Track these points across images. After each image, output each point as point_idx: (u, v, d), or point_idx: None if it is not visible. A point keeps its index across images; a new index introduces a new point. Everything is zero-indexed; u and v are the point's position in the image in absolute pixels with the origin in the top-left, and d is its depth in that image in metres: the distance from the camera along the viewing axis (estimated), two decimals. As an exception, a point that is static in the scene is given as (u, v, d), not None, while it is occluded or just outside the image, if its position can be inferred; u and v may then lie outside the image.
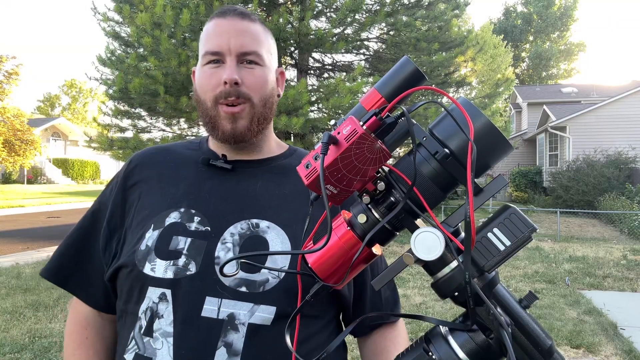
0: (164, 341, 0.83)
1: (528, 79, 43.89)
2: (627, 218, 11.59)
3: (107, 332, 1.02)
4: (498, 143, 0.59)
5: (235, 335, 0.82)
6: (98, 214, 1.01)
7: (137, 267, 0.87)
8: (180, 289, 0.84)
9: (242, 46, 0.93)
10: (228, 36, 0.93)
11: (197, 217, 0.91)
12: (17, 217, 13.94)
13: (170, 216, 0.91)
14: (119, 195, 0.99)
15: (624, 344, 4.30)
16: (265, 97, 0.96)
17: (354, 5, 8.07)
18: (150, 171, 1.00)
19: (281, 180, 0.98)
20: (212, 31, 0.96)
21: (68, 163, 30.92)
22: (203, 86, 0.95)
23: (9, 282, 6.13)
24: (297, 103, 7.41)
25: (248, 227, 0.90)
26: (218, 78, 0.92)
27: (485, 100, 11.22)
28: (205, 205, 0.92)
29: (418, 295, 5.83)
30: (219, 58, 0.93)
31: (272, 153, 1.04)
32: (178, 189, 0.95)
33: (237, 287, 0.84)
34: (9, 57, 22.53)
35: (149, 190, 0.97)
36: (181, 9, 7.41)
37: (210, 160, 0.98)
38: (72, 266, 1.00)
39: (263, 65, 0.96)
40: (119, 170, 1.06)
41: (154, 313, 0.85)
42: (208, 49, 0.94)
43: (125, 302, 0.90)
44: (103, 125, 9.56)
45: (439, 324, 0.63)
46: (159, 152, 1.05)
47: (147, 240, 0.89)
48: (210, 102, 0.94)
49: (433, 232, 0.56)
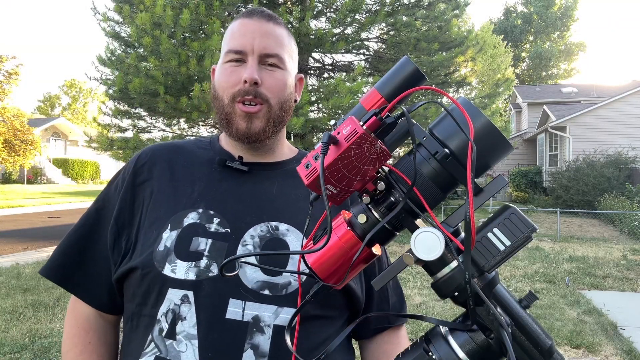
0: (188, 344, 0.82)
1: (528, 79, 43.89)
2: (627, 218, 11.59)
3: (110, 336, 1.00)
4: (498, 143, 0.59)
5: (262, 337, 0.82)
6: (103, 211, 0.98)
7: (156, 269, 0.85)
8: (202, 290, 0.84)
9: (265, 48, 0.93)
10: (252, 36, 0.93)
11: (217, 219, 0.90)
12: (17, 217, 13.94)
13: (188, 216, 0.90)
14: (128, 192, 0.96)
15: (624, 344, 4.30)
16: (283, 100, 0.96)
17: (354, 5, 8.07)
18: (162, 169, 0.98)
19: (295, 184, 0.97)
20: (237, 30, 0.95)
21: (68, 163, 30.92)
22: (222, 83, 0.95)
23: (9, 282, 6.13)
24: (297, 103, 7.39)
25: (268, 230, 0.90)
26: (238, 76, 0.92)
27: (485, 100, 11.22)
28: (223, 206, 0.92)
29: (418, 295, 5.83)
30: (241, 57, 0.93)
31: (285, 156, 1.04)
32: (193, 189, 0.94)
33: (260, 290, 0.84)
34: (9, 57, 22.55)
35: (162, 189, 0.95)
36: (181, 9, 7.41)
37: (226, 162, 0.97)
38: (74, 265, 0.97)
39: (284, 69, 0.96)
40: (124, 166, 1.04)
41: (176, 315, 0.83)
42: (231, 47, 0.94)
43: (140, 304, 0.88)
44: (103, 125, 9.56)
45: (439, 324, 0.63)
46: (170, 150, 1.02)
47: (164, 240, 0.88)
48: (228, 98, 0.93)
49: (433, 232, 0.56)
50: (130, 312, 0.91)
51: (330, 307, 0.91)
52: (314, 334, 0.86)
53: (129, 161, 1.03)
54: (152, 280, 0.86)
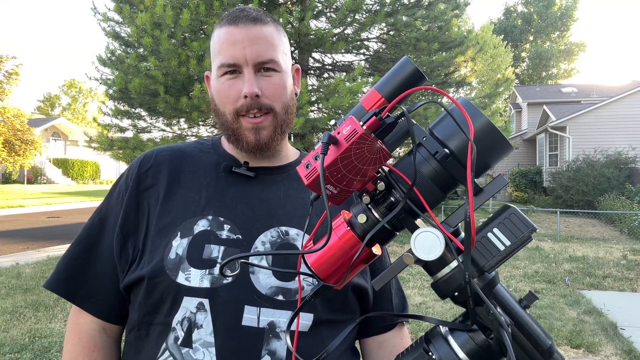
0: (205, 351, 0.82)
1: (528, 79, 43.87)
2: (627, 218, 11.59)
3: (114, 352, 0.97)
4: (498, 143, 0.59)
5: (278, 343, 0.83)
6: (106, 220, 0.96)
7: (169, 277, 0.84)
8: (218, 298, 0.83)
9: (258, 56, 0.90)
10: (243, 46, 0.90)
11: (227, 225, 0.90)
12: (17, 217, 13.93)
13: (198, 224, 0.89)
14: (132, 199, 0.94)
15: (624, 344, 4.30)
16: (287, 103, 0.95)
17: (354, 5, 8.07)
18: (167, 175, 0.96)
19: (301, 188, 0.96)
20: (224, 40, 0.92)
21: (68, 163, 30.92)
22: (222, 98, 0.93)
23: (9, 282, 6.13)
24: (297, 103, 7.39)
25: (278, 235, 0.90)
26: (237, 90, 0.91)
27: (485, 100, 11.22)
28: (232, 213, 0.91)
29: (418, 295, 5.83)
30: (235, 69, 0.91)
31: (289, 158, 1.04)
32: (200, 196, 0.93)
33: (274, 296, 0.85)
34: (9, 57, 22.56)
35: (168, 196, 0.93)
36: (181, 9, 7.40)
37: (232, 168, 0.96)
38: (80, 277, 0.94)
39: (280, 70, 0.94)
40: (125, 171, 1.01)
41: (192, 323, 0.83)
42: (223, 62, 0.91)
43: (151, 313, 0.87)
44: (103, 125, 9.56)
45: (439, 324, 0.63)
46: (174, 154, 1.00)
47: (175, 248, 0.87)
48: (231, 115, 0.92)
49: (433, 232, 0.56)
50: (137, 321, 0.89)
51: (341, 310, 0.91)
52: (328, 338, 0.86)
53: (130, 165, 1.01)
54: (166, 288, 0.85)
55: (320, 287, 0.65)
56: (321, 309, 0.87)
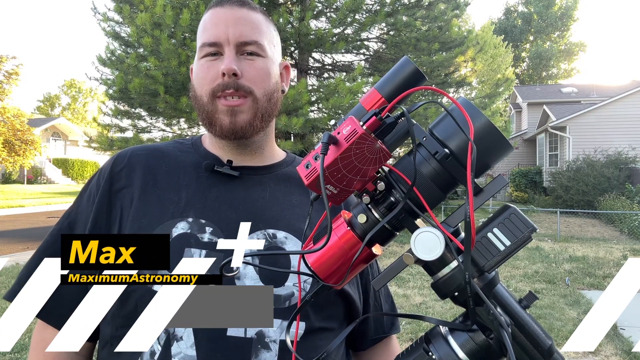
0: None
1: (528, 79, 43.88)
2: (627, 218, 11.59)
3: None
4: (498, 143, 0.59)
5: (268, 354, 0.77)
6: (75, 225, 0.89)
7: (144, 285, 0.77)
8: None
9: (241, 35, 0.86)
10: (226, 25, 0.86)
11: (209, 228, 0.83)
12: (17, 217, 13.93)
13: (177, 226, 0.83)
14: (104, 201, 0.87)
15: (624, 344, 4.30)
16: (269, 91, 0.89)
17: (354, 5, 8.08)
18: (142, 175, 0.89)
19: (287, 189, 0.93)
20: (208, 21, 0.88)
21: (68, 163, 30.92)
22: (200, 80, 0.88)
23: (9, 282, 6.12)
24: (297, 103, 7.41)
25: (265, 238, 0.85)
26: (216, 70, 0.85)
27: (485, 100, 11.22)
28: (215, 214, 0.85)
29: (418, 295, 5.82)
30: (217, 50, 0.86)
31: (275, 158, 0.98)
32: (180, 196, 0.86)
33: None
34: (9, 57, 22.55)
35: (143, 197, 0.86)
36: (181, 9, 7.41)
37: (214, 167, 0.89)
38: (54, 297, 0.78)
39: (265, 56, 0.89)
40: (97, 172, 0.93)
41: (170, 335, 0.76)
42: (205, 40, 0.87)
43: (125, 326, 0.75)
44: (103, 125, 9.57)
45: (439, 324, 0.63)
46: (150, 154, 0.93)
47: None
48: (207, 96, 0.86)
49: (433, 232, 0.56)
50: (110, 335, 0.82)
51: (331, 318, 0.88)
52: (321, 347, 0.83)
53: (102, 166, 0.94)
54: (140, 297, 0.77)
55: (320, 287, 0.65)
56: (313, 317, 0.83)
